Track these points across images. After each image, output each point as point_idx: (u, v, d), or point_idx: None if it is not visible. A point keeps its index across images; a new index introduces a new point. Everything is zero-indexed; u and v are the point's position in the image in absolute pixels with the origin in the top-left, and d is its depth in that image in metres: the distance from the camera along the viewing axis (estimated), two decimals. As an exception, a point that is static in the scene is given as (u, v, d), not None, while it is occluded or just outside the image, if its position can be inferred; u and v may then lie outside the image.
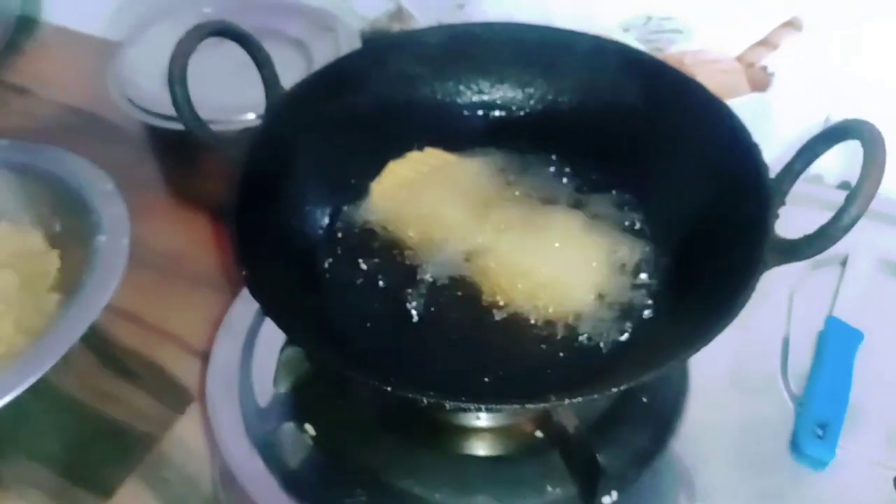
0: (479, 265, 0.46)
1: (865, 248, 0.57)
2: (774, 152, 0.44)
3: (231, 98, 0.61)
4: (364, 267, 0.47)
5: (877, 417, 0.49)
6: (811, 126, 0.63)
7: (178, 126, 0.62)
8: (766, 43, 0.63)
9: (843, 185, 0.63)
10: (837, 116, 0.61)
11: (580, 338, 0.43)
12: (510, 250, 0.46)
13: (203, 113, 0.44)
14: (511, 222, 0.48)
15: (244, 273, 0.38)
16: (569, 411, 0.42)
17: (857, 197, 0.35)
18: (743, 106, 0.59)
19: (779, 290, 0.55)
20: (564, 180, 0.51)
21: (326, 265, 0.47)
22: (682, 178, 0.46)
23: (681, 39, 0.66)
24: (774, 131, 0.60)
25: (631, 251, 0.46)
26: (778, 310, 0.54)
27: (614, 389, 0.35)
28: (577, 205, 0.49)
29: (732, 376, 0.50)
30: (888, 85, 0.60)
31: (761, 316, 0.53)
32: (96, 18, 0.89)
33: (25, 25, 0.93)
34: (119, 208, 0.61)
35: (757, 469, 0.46)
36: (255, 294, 0.38)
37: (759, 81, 0.64)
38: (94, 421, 0.58)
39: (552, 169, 0.51)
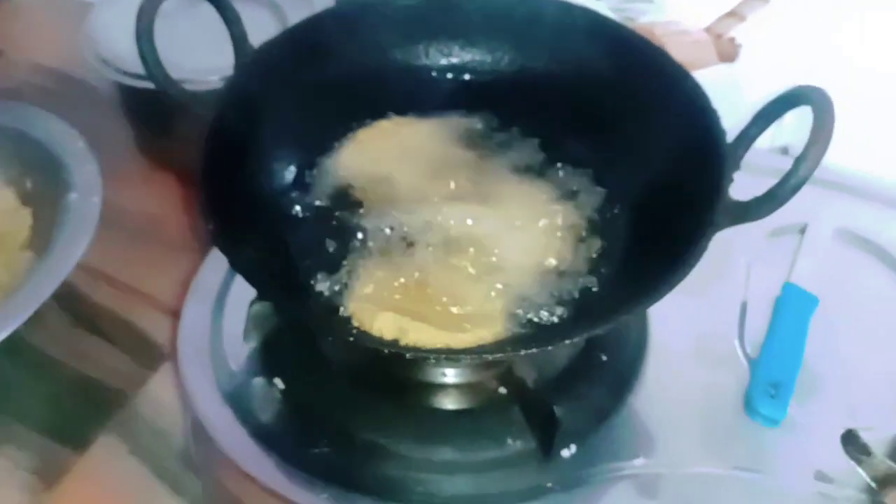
0: (424, 232, 0.47)
1: (823, 217, 0.59)
2: (740, 122, 0.46)
3: (202, 60, 0.61)
4: (324, 225, 0.48)
5: (828, 379, 0.50)
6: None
7: (151, 86, 0.63)
8: (734, 14, 0.65)
9: (783, 151, 0.65)
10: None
11: (538, 301, 0.44)
12: (461, 218, 0.47)
13: (175, 73, 0.45)
14: (467, 189, 0.49)
15: (211, 227, 0.39)
16: (528, 366, 0.44)
17: (805, 160, 0.36)
18: (711, 77, 0.60)
19: (738, 258, 0.56)
20: (528, 145, 0.52)
21: (289, 222, 0.48)
22: (643, 144, 0.47)
23: (652, 10, 0.67)
24: (741, 102, 0.61)
25: (588, 216, 0.47)
26: (737, 277, 0.56)
27: (567, 341, 0.36)
28: (538, 170, 0.50)
29: (691, 339, 0.52)
30: (852, 57, 0.61)
31: (720, 283, 0.55)
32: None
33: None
34: (91, 166, 0.62)
35: (712, 426, 0.48)
36: (222, 247, 0.38)
37: (728, 53, 0.65)
38: (67, 377, 0.58)
39: (517, 134, 0.53)
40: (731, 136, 0.43)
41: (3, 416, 0.56)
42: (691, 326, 0.52)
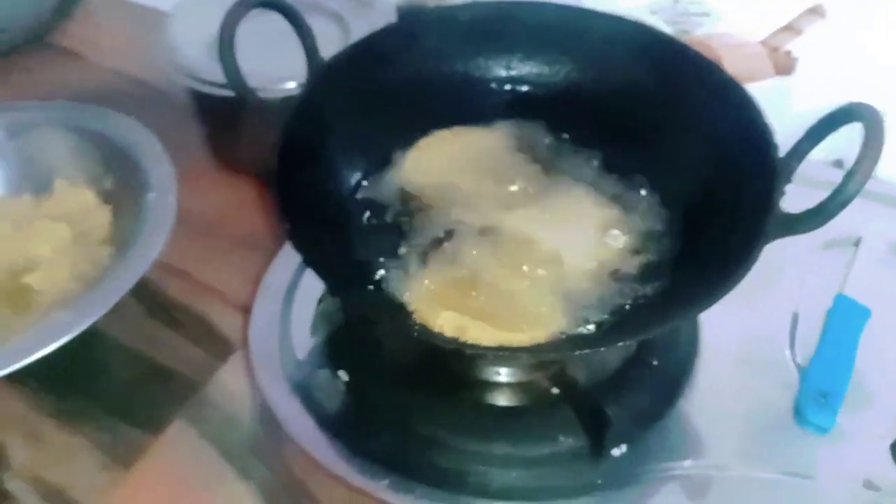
0: (483, 236, 0.49)
1: (878, 231, 0.59)
2: (794, 134, 0.47)
3: (273, 67, 0.64)
4: (388, 227, 0.50)
5: (878, 390, 0.51)
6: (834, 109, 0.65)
7: (223, 92, 0.66)
8: (791, 28, 0.65)
9: (837, 164, 0.65)
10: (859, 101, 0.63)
11: (592, 305, 0.46)
12: (520, 223, 0.49)
13: (248, 81, 0.48)
14: (525, 195, 0.51)
15: (286, 227, 0.42)
16: (581, 367, 0.46)
17: (855, 174, 0.38)
18: (766, 90, 0.61)
19: (792, 269, 0.57)
20: (584, 156, 0.54)
21: (355, 224, 0.50)
22: (696, 156, 0.49)
23: (707, 22, 0.68)
24: (795, 115, 0.62)
25: (640, 224, 0.49)
26: (789, 288, 0.57)
27: (619, 343, 0.38)
28: (592, 178, 0.52)
29: (742, 347, 0.53)
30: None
31: (773, 292, 0.56)
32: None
33: (74, -6, 0.97)
34: (166, 168, 0.65)
35: (761, 432, 0.49)
36: (296, 245, 0.41)
37: (784, 66, 0.66)
38: (142, 365, 0.62)
39: (574, 145, 0.54)
40: (783, 148, 0.44)
41: (83, 400, 0.59)
42: (742, 334, 0.53)
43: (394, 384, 0.50)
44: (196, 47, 0.71)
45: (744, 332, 0.54)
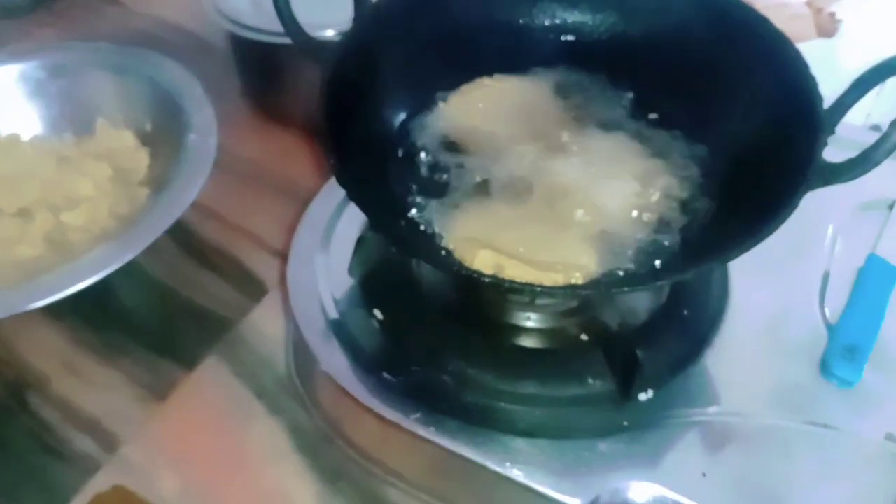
0: (521, 180, 0.50)
1: (914, 193, 0.59)
2: (835, 94, 0.47)
3: (314, 15, 0.65)
4: (429, 168, 0.51)
5: (905, 350, 0.52)
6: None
7: (265, 38, 0.67)
8: (837, -11, 0.64)
9: (874, 128, 0.65)
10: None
11: (628, 252, 0.47)
12: (558, 168, 0.50)
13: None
14: (565, 141, 0.51)
15: (332, 163, 0.42)
16: (612, 313, 0.46)
17: (900, 124, 0.38)
18: (808, 50, 0.61)
19: (825, 229, 0.57)
20: (625, 107, 0.54)
21: (397, 164, 0.51)
22: (739, 106, 0.49)
23: (752, -19, 0.67)
24: (837, 76, 0.61)
25: (681, 172, 0.49)
26: (822, 247, 0.57)
27: (657, 283, 0.38)
28: (635, 127, 0.52)
29: (771, 302, 0.53)
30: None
31: (806, 251, 0.56)
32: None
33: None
34: (207, 110, 0.65)
35: (787, 383, 0.50)
36: (342, 181, 0.42)
37: (827, 28, 0.66)
38: (178, 303, 0.63)
39: (615, 95, 0.55)
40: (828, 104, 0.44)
41: (121, 335, 0.61)
42: (773, 290, 0.54)
43: (427, 323, 0.51)
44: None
45: (774, 289, 0.54)
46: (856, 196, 0.58)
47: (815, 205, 0.42)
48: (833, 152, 0.43)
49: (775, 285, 0.54)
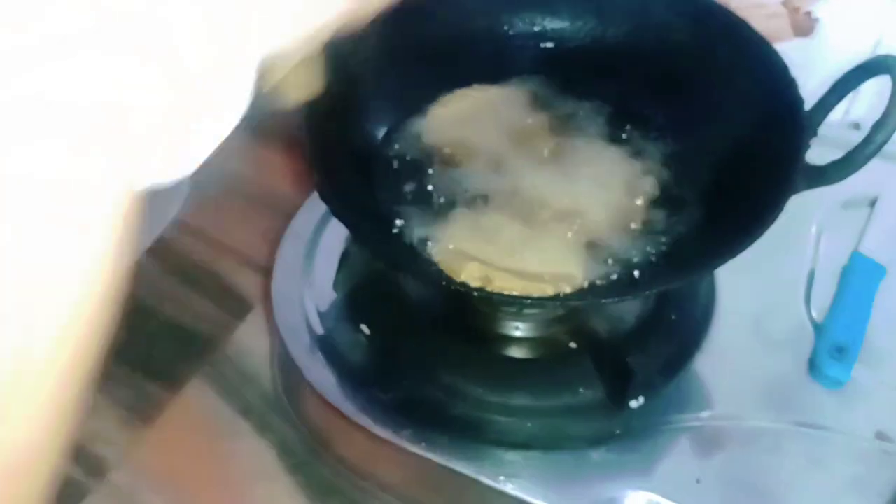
0: (505, 190, 0.49)
1: (894, 190, 0.59)
2: (814, 94, 0.47)
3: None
4: (413, 181, 0.51)
5: (892, 346, 0.52)
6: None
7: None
8: (813, -11, 0.65)
9: (855, 126, 0.65)
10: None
11: (615, 260, 0.47)
12: (542, 177, 0.49)
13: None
14: (548, 150, 0.51)
15: (316, 178, 0.42)
16: (603, 319, 0.46)
17: (883, 126, 0.38)
18: (786, 50, 0.61)
19: (809, 228, 0.58)
20: (606, 114, 0.54)
21: (381, 176, 0.51)
22: (720, 110, 0.49)
23: (728, -18, 0.67)
24: (815, 76, 0.62)
25: (664, 178, 0.49)
26: (806, 246, 0.57)
27: (645, 292, 0.38)
28: (617, 133, 0.52)
29: (758, 303, 0.53)
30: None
31: (790, 251, 0.56)
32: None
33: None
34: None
35: (776, 385, 0.50)
36: (325, 197, 0.42)
37: (804, 27, 0.66)
38: (160, 323, 0.62)
39: (596, 103, 0.54)
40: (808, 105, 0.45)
41: (103, 357, 0.60)
42: (759, 291, 0.54)
43: (415, 337, 0.50)
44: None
45: (761, 289, 0.54)
46: (838, 193, 0.57)
47: (799, 203, 0.42)
48: (812, 150, 0.44)
49: (762, 286, 0.54)
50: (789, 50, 0.66)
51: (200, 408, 0.57)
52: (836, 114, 0.48)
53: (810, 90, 0.46)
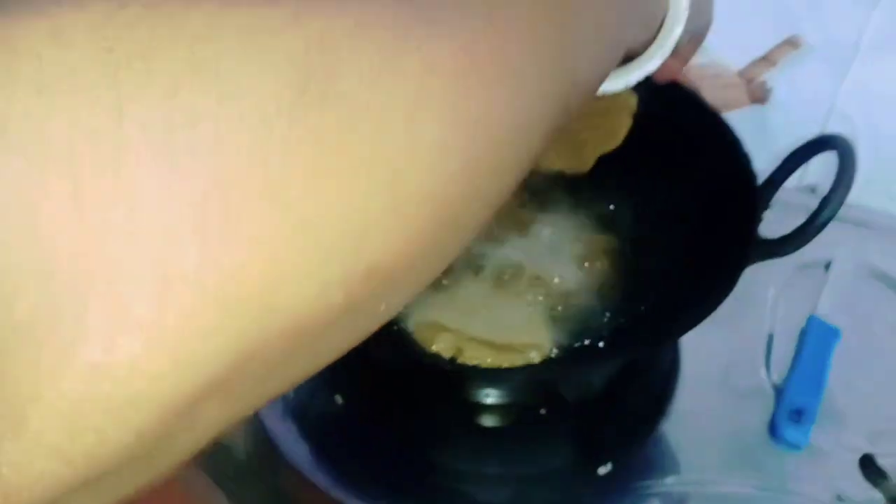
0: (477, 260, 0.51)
1: (848, 254, 0.62)
2: (771, 161, 0.49)
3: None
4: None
5: (849, 408, 0.53)
6: (807, 137, 0.68)
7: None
8: (766, 60, 0.68)
9: (811, 189, 0.68)
10: (829, 130, 0.66)
11: (582, 328, 0.48)
12: (512, 251, 0.51)
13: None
14: (512, 221, 0.53)
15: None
16: (570, 388, 0.47)
17: (830, 201, 0.40)
18: (742, 117, 0.64)
19: (766, 291, 0.60)
20: (564, 182, 0.55)
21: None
22: (680, 186, 0.51)
23: (685, 54, 0.70)
24: (771, 141, 0.64)
25: (625, 250, 0.51)
26: (764, 309, 0.59)
27: (607, 363, 0.40)
28: (576, 208, 0.54)
29: (720, 367, 0.55)
30: (879, 98, 0.65)
31: (749, 314, 0.58)
32: None
33: None
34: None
35: (739, 449, 0.51)
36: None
37: (759, 95, 0.69)
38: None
39: (558, 175, 0.56)
40: (761, 172, 0.47)
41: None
42: (721, 354, 0.55)
43: (388, 407, 0.51)
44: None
45: (722, 353, 0.56)
46: (794, 257, 0.60)
47: (756, 267, 0.44)
48: (770, 213, 0.46)
49: (724, 349, 0.55)
50: (745, 117, 0.69)
51: (173, 479, 0.56)
52: (792, 179, 0.51)
53: (767, 155, 0.48)
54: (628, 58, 0.33)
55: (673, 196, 0.51)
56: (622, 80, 0.34)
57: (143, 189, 0.14)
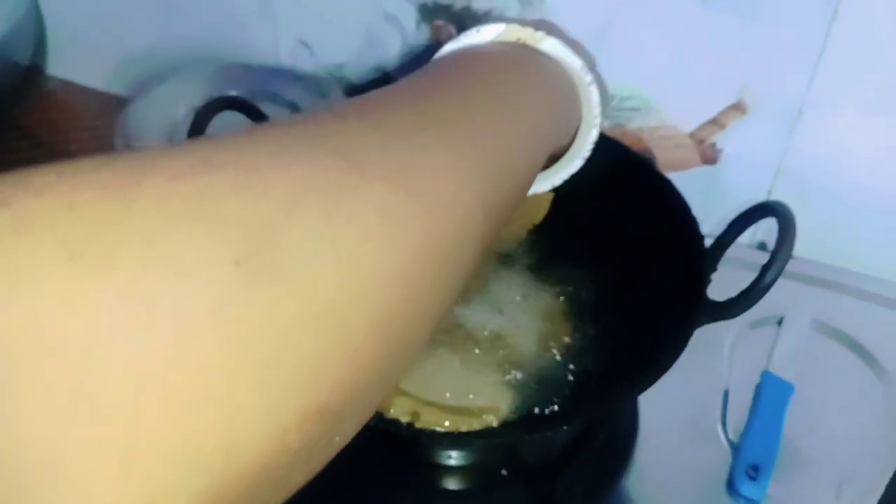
0: (441, 326, 0.51)
1: (799, 309, 0.64)
2: (722, 220, 0.51)
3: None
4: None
5: (804, 462, 0.55)
6: (756, 196, 0.71)
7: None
8: (716, 122, 0.71)
9: (761, 246, 0.71)
10: (778, 188, 0.69)
11: (540, 391, 0.49)
12: (469, 314, 0.52)
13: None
14: (472, 288, 0.54)
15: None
16: (530, 448, 0.48)
17: (773, 265, 0.42)
18: (693, 177, 0.66)
19: (720, 348, 0.61)
20: (521, 248, 0.57)
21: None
22: (629, 249, 0.52)
23: (639, 116, 0.73)
24: (722, 201, 0.67)
25: (578, 313, 0.52)
26: (720, 365, 0.60)
27: (565, 427, 0.40)
28: (536, 270, 0.56)
29: (678, 423, 0.56)
30: (825, 158, 0.68)
31: (706, 370, 0.59)
32: (98, 74, 0.95)
33: (33, 76, 0.99)
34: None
35: (698, 506, 0.52)
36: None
37: (709, 156, 0.72)
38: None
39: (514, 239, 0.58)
40: (713, 231, 0.49)
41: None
42: (678, 411, 0.56)
43: (346, 470, 0.51)
44: (155, 133, 0.73)
45: (680, 409, 0.57)
46: (747, 314, 0.62)
47: (710, 325, 0.45)
48: (721, 270, 0.48)
49: (680, 407, 0.56)
50: (697, 177, 0.72)
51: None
52: (745, 236, 0.53)
53: (718, 213, 0.50)
54: (553, 158, 0.36)
55: (627, 259, 0.53)
56: (548, 182, 0.39)
57: (107, 370, 0.15)
